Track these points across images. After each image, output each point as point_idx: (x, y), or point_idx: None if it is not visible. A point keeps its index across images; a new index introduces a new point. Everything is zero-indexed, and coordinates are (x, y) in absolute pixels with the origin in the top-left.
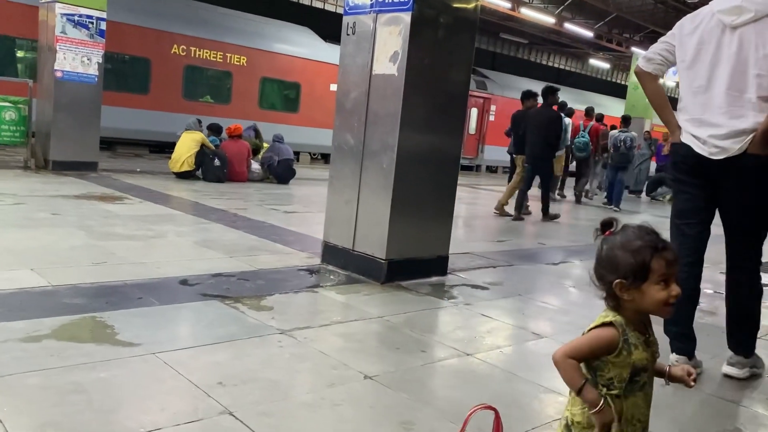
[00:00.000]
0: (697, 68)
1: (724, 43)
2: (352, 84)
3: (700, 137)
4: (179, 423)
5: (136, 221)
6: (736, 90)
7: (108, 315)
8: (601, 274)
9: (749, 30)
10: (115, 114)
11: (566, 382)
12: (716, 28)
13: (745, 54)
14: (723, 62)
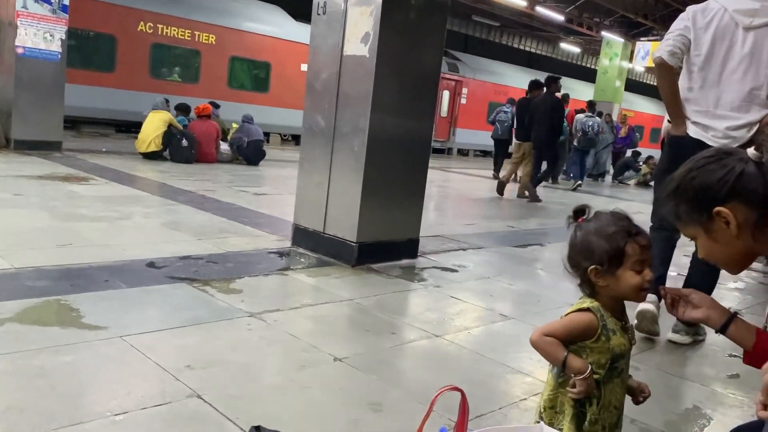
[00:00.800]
0: (710, 63)
1: (737, 41)
2: (323, 65)
3: (714, 128)
4: (146, 406)
5: (102, 202)
6: (750, 87)
7: (73, 298)
8: (576, 260)
9: (764, 32)
10: (80, 92)
11: (549, 359)
12: (730, 25)
13: (758, 54)
14: (735, 60)
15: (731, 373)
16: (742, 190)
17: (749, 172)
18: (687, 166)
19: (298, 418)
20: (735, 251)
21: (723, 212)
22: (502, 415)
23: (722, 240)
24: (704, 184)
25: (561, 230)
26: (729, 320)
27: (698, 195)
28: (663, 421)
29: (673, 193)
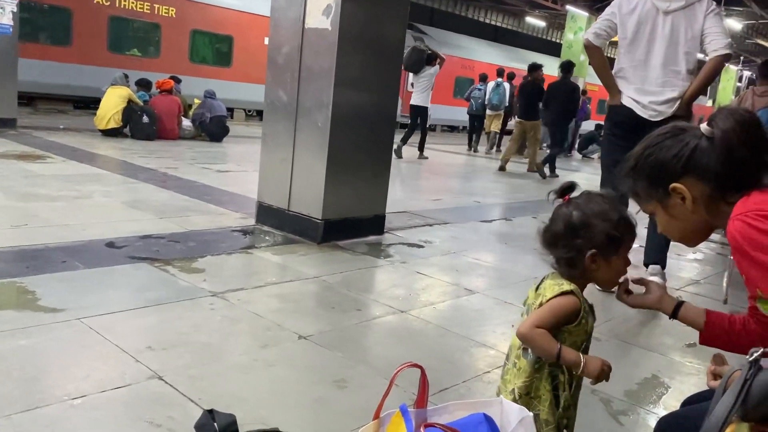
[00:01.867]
0: (636, 45)
1: (658, 24)
2: (284, 38)
3: (642, 102)
4: (106, 389)
5: (60, 181)
6: (670, 64)
7: (29, 280)
8: (569, 240)
9: (679, 15)
10: (34, 67)
11: (541, 352)
12: (651, 11)
13: (676, 35)
14: (658, 41)
15: (689, 342)
16: (695, 166)
17: (702, 147)
18: (643, 143)
19: (261, 396)
20: (691, 226)
21: (678, 188)
22: (465, 389)
23: (679, 215)
24: (660, 160)
25: (526, 204)
26: (679, 305)
27: (654, 172)
28: (623, 390)
29: (630, 170)
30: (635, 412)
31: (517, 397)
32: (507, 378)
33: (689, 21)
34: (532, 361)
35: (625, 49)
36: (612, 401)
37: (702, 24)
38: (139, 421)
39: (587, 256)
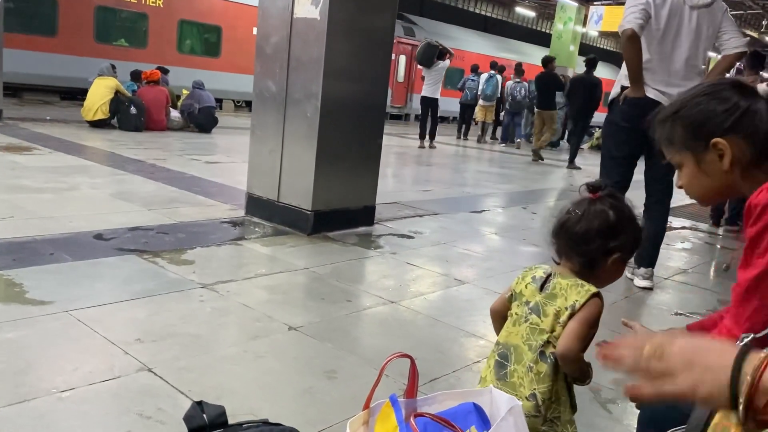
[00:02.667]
0: (665, 37)
1: (684, 18)
2: (273, 28)
3: (669, 94)
4: (94, 382)
5: (46, 173)
6: (691, 59)
7: (16, 273)
8: (604, 240)
9: (704, 12)
10: (20, 58)
11: (578, 373)
12: (680, 4)
13: (699, 31)
14: (684, 35)
15: None
16: (747, 125)
17: (758, 109)
18: (693, 91)
19: (251, 387)
20: (718, 185)
21: (721, 143)
22: (455, 378)
23: (710, 172)
24: (709, 111)
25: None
26: None
27: (699, 121)
28: (611, 379)
29: (672, 115)
30: (624, 400)
31: (540, 403)
32: (518, 382)
33: (710, 19)
34: (553, 365)
35: (657, 41)
36: (601, 390)
37: (720, 22)
38: (128, 413)
39: (613, 258)
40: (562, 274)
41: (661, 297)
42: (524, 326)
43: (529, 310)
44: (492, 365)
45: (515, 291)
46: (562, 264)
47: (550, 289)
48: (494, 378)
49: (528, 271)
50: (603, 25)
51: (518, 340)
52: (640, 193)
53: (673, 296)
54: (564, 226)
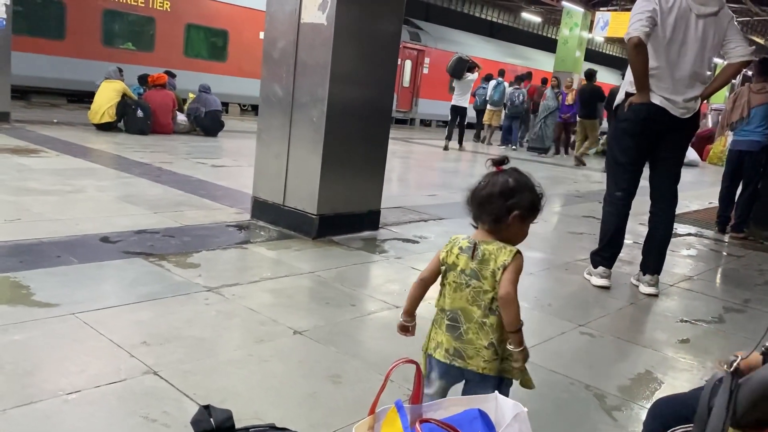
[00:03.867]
0: (671, 45)
1: (691, 26)
2: (280, 33)
3: (674, 101)
4: (100, 384)
5: (53, 175)
6: (696, 67)
7: (23, 275)
8: (503, 200)
9: (710, 20)
10: (28, 61)
11: (511, 320)
12: (686, 12)
13: (705, 39)
14: (690, 43)
15: (682, 338)
16: None
17: None
18: None
19: (256, 391)
20: None
21: None
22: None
23: None
24: None
25: None
26: None
27: None
28: (616, 385)
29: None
30: (628, 408)
31: (497, 346)
32: (474, 337)
33: (716, 27)
34: (499, 315)
35: (663, 48)
36: (606, 397)
37: (725, 30)
38: (133, 416)
39: (513, 214)
40: (485, 241)
41: (666, 304)
42: (467, 291)
43: (468, 276)
44: (444, 329)
45: (448, 263)
46: (479, 228)
47: (481, 257)
48: (451, 339)
49: (451, 244)
50: (609, 30)
51: (464, 303)
52: (645, 200)
53: (679, 303)
54: (474, 194)
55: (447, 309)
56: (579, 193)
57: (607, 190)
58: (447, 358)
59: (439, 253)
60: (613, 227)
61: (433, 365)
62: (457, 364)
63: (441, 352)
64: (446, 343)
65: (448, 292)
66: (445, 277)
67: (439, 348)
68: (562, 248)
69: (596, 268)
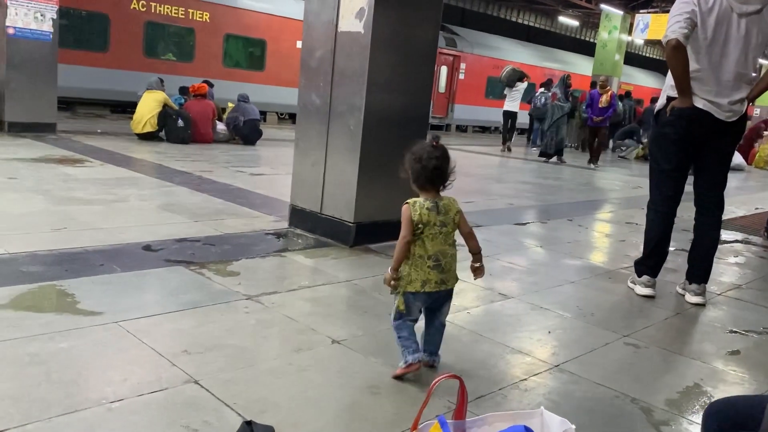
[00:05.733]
0: (713, 46)
1: (732, 26)
2: (317, 42)
3: (719, 104)
4: (143, 393)
5: (97, 185)
6: (740, 67)
7: (68, 283)
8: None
9: (753, 19)
10: (73, 73)
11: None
12: (727, 11)
13: (748, 38)
14: (732, 43)
15: (732, 349)
16: None
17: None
18: None
19: (295, 401)
20: None
21: None
22: (502, 397)
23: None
24: None
25: (560, 207)
26: None
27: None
28: (664, 399)
29: None
30: (677, 422)
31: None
32: (450, 267)
33: (760, 25)
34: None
35: (705, 50)
36: (653, 410)
37: None
38: (175, 425)
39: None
40: (438, 198)
41: (714, 313)
42: (441, 237)
43: (439, 226)
44: (430, 269)
45: (423, 222)
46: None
47: (443, 210)
48: (438, 274)
49: (417, 209)
50: (649, 33)
51: (440, 246)
52: (689, 206)
53: (727, 313)
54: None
55: (430, 254)
56: (620, 199)
57: (651, 198)
58: (436, 287)
59: (410, 217)
60: (658, 235)
61: (417, 298)
62: (442, 289)
63: (431, 285)
64: (434, 277)
65: (428, 241)
66: (422, 232)
67: (428, 283)
68: (605, 256)
69: (640, 277)
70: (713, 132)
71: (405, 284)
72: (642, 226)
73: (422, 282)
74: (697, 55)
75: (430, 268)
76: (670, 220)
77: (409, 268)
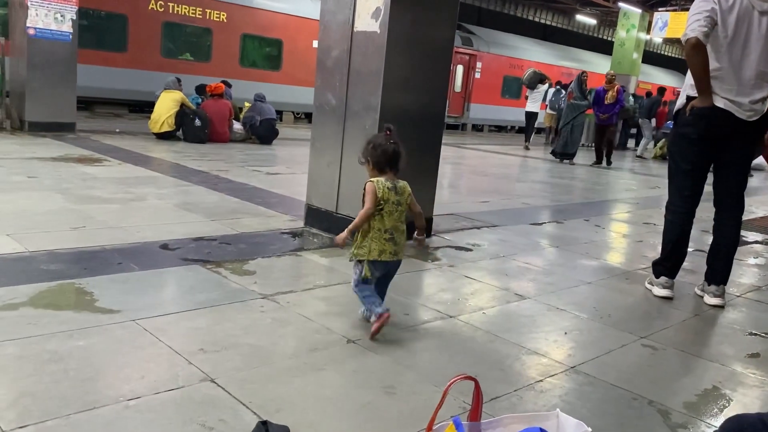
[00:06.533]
0: (734, 44)
1: (754, 24)
2: (333, 42)
3: (739, 103)
4: (159, 391)
5: (115, 184)
6: (762, 66)
7: (86, 281)
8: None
9: None
10: (92, 73)
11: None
12: (748, 9)
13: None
14: (753, 41)
15: (751, 352)
16: None
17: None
18: None
19: (310, 401)
20: None
21: None
22: (517, 398)
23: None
24: None
25: (577, 207)
26: None
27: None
28: (682, 402)
29: None
30: (695, 426)
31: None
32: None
33: None
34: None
35: (725, 48)
36: (670, 413)
37: None
38: (191, 423)
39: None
40: (395, 181)
41: (733, 315)
42: (396, 214)
43: (395, 204)
44: (385, 241)
45: (384, 200)
46: (387, 173)
47: (399, 191)
48: (392, 245)
49: (381, 187)
50: (668, 31)
51: (395, 222)
52: (709, 206)
53: (747, 315)
54: (385, 152)
55: (387, 228)
56: (637, 199)
57: (669, 198)
58: (390, 257)
59: (375, 192)
60: (676, 236)
61: (376, 266)
62: (395, 259)
63: (386, 255)
64: (389, 248)
65: (386, 216)
66: (382, 208)
67: (384, 253)
68: (622, 257)
69: (658, 278)
70: (734, 132)
71: (366, 254)
72: (660, 227)
73: (379, 251)
74: (717, 54)
75: (386, 240)
76: (689, 221)
77: (369, 241)
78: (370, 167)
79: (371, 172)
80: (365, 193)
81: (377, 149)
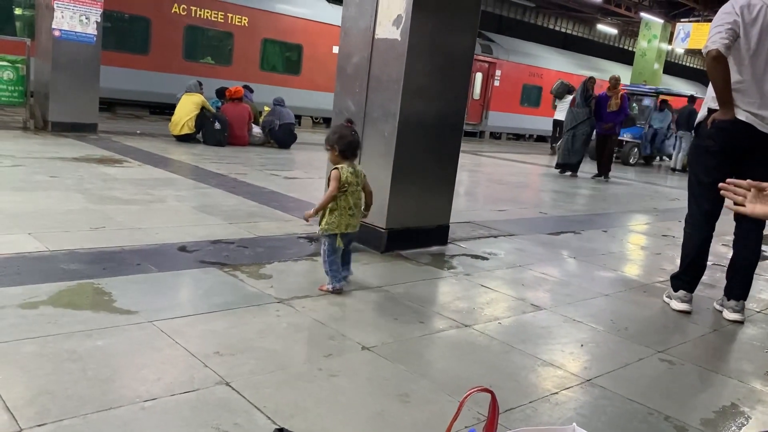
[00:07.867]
0: (757, 56)
1: None
2: (354, 48)
3: (764, 116)
4: (175, 393)
5: (135, 185)
6: None
7: (106, 281)
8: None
9: None
10: (115, 74)
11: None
12: None
13: None
14: None
15: None
16: None
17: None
18: None
19: (324, 407)
20: None
21: None
22: (532, 410)
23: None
24: None
25: (594, 217)
26: None
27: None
28: (699, 418)
29: None
30: None
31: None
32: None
33: None
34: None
35: (748, 61)
36: (687, 429)
37: None
38: (206, 426)
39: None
40: (355, 166)
41: (752, 331)
42: (356, 193)
43: (356, 186)
44: (350, 216)
45: (347, 182)
46: (350, 159)
47: (359, 174)
48: (354, 219)
49: (345, 172)
50: (690, 42)
51: (356, 200)
52: (728, 219)
53: (767, 331)
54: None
55: (350, 205)
56: (656, 211)
57: (689, 211)
58: (352, 229)
59: (339, 178)
60: (695, 250)
61: (343, 238)
62: (355, 231)
63: (351, 227)
64: (353, 222)
65: (350, 196)
66: (347, 190)
67: (349, 226)
68: (640, 269)
69: (677, 292)
70: (756, 145)
71: (335, 228)
72: (679, 240)
73: (345, 225)
74: (739, 67)
75: (350, 215)
76: (709, 235)
77: (338, 217)
78: (336, 154)
79: (335, 158)
80: (330, 179)
81: (344, 139)
